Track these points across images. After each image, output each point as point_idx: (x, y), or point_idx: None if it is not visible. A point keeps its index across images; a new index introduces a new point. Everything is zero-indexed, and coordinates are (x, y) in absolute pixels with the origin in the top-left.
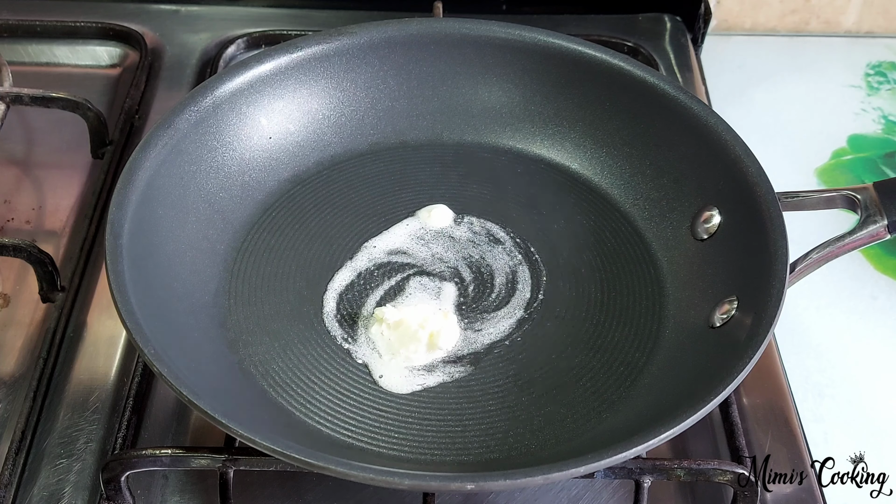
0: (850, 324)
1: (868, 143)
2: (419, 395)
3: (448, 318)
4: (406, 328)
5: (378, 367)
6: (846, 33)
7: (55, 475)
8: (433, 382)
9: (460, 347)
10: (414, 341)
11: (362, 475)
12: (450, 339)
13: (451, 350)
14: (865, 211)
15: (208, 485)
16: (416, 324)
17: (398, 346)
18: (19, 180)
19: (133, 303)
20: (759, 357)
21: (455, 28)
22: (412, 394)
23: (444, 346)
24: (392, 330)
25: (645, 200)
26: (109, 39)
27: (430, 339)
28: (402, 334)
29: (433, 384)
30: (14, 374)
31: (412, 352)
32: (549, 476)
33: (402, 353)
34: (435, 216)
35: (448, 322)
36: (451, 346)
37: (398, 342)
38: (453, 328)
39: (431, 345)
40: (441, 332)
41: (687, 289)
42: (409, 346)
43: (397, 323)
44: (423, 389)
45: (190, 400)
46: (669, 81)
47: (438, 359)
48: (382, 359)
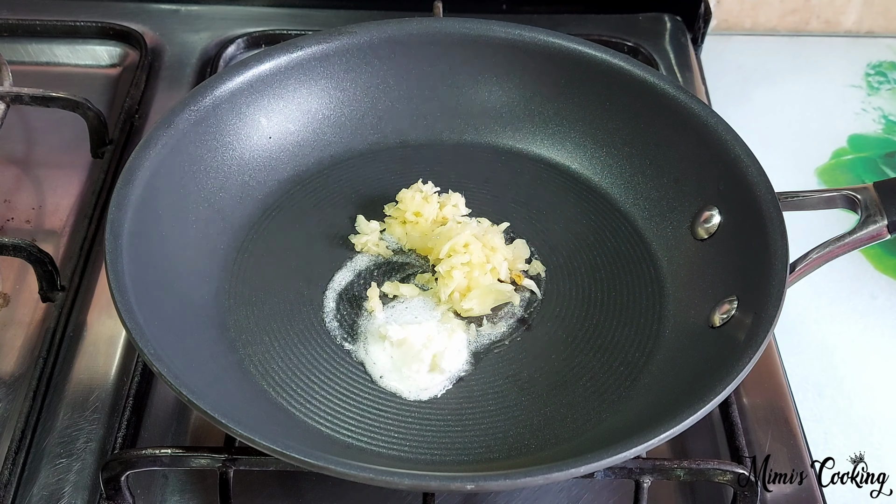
0: (851, 323)
1: (868, 142)
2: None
3: (453, 338)
4: (409, 347)
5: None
6: (846, 33)
7: (55, 475)
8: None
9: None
10: (417, 361)
11: (362, 475)
12: (454, 361)
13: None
14: (866, 211)
15: (208, 484)
16: (420, 343)
17: (401, 364)
18: (19, 180)
19: (133, 302)
20: (759, 357)
21: (455, 28)
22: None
23: (447, 369)
24: (395, 347)
25: (645, 200)
26: (109, 39)
27: (434, 361)
28: (405, 353)
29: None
30: (14, 373)
31: (414, 371)
32: (549, 476)
33: (403, 372)
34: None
35: (453, 342)
36: (455, 369)
37: (401, 361)
38: (459, 349)
39: (434, 366)
40: (445, 354)
41: (687, 289)
42: (412, 366)
43: (401, 341)
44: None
45: (190, 400)
46: (670, 81)
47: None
48: (384, 374)
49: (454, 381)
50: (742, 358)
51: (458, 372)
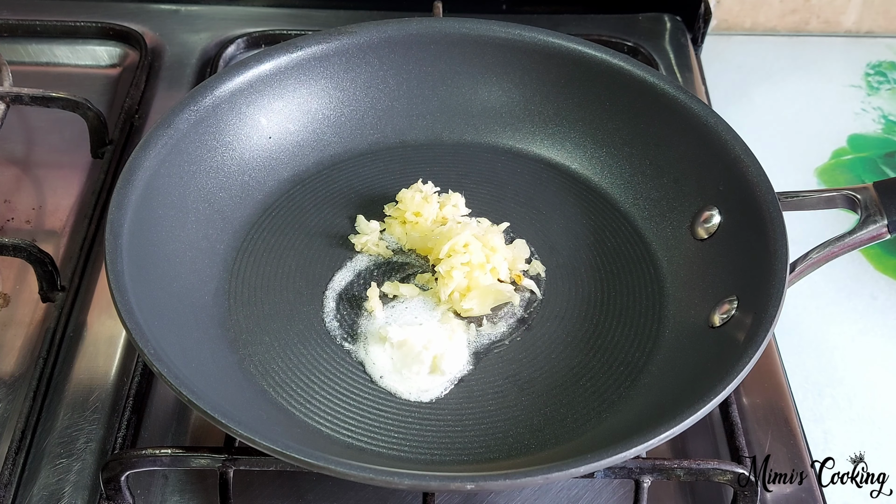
0: (851, 323)
1: (868, 142)
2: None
3: (454, 339)
4: (410, 348)
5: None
6: (846, 33)
7: (55, 475)
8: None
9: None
10: (417, 363)
11: (362, 475)
12: (454, 364)
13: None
14: (865, 211)
15: (208, 484)
16: (421, 345)
17: (401, 366)
18: (19, 180)
19: (133, 302)
20: (759, 357)
21: (455, 28)
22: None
23: (447, 371)
24: (396, 349)
25: (645, 200)
26: (109, 39)
27: (434, 363)
28: (405, 354)
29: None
30: (14, 373)
31: (414, 373)
32: (548, 476)
33: (404, 374)
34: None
35: (453, 343)
36: (455, 371)
37: (401, 362)
38: (459, 351)
39: (435, 368)
40: (445, 356)
41: (687, 288)
42: (412, 368)
43: (401, 343)
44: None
45: (190, 400)
46: (669, 81)
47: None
48: (384, 374)
49: (455, 382)
50: (742, 358)
51: (459, 373)
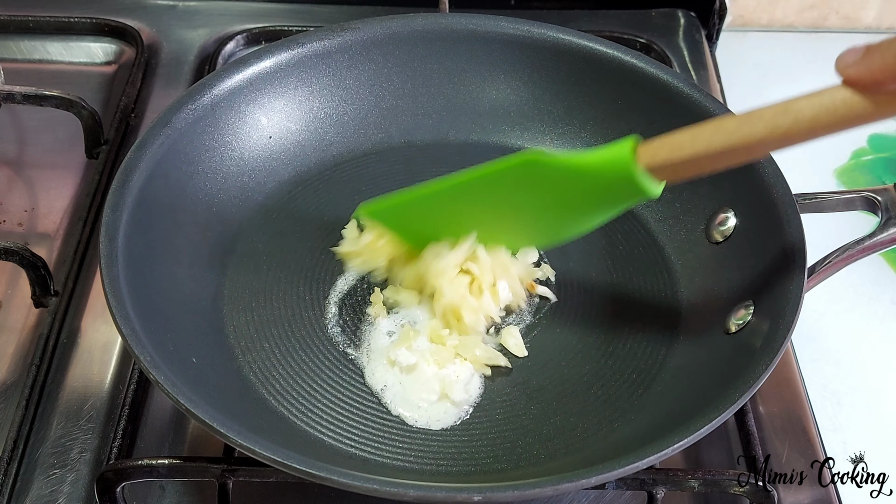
0: (871, 329)
1: (889, 142)
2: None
3: (465, 365)
4: (419, 374)
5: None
6: (866, 29)
7: (48, 486)
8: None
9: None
10: (426, 391)
11: (366, 486)
12: (465, 393)
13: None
14: (886, 213)
15: (206, 496)
16: (431, 372)
17: (409, 392)
18: (11, 181)
19: (129, 308)
20: (776, 364)
21: (462, 24)
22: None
23: (457, 400)
24: (404, 374)
25: (658, 202)
26: (104, 35)
27: (443, 392)
28: (414, 380)
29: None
30: (6, 381)
31: (422, 401)
32: (558, 487)
33: (412, 401)
34: None
35: (464, 369)
36: (467, 399)
37: (409, 389)
38: (472, 380)
39: (444, 397)
40: (455, 386)
41: (701, 293)
42: (421, 395)
43: (410, 367)
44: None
45: (187, 408)
46: (683, 79)
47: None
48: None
49: (469, 412)
50: (758, 365)
51: (473, 400)
